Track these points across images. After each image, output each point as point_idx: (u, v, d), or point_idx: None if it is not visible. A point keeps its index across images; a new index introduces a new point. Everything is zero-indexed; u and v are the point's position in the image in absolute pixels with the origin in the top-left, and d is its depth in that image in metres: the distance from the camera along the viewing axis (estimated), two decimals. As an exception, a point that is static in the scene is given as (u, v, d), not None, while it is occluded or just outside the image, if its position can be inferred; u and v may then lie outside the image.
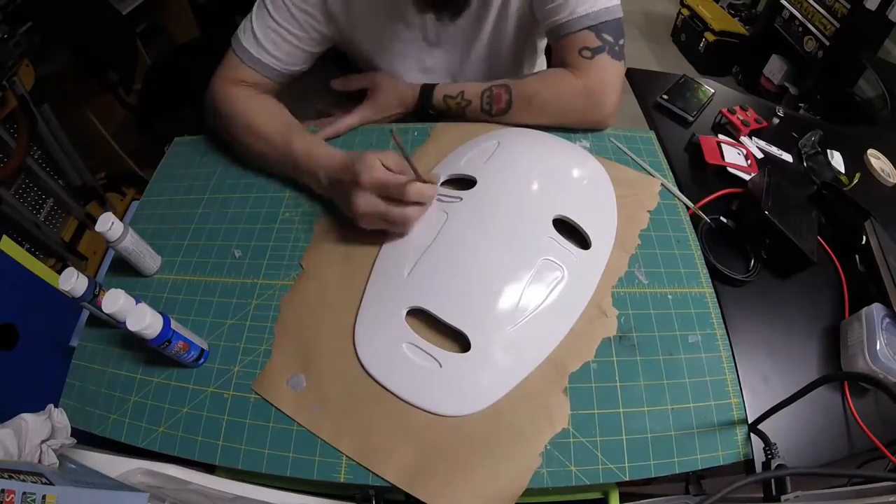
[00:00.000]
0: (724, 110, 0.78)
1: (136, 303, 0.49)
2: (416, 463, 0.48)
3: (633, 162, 0.69)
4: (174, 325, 0.50)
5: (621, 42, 0.67)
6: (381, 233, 0.61)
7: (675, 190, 0.66)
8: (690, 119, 0.78)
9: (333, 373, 0.54)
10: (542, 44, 0.87)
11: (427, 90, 0.74)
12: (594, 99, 0.68)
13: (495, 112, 0.72)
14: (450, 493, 0.46)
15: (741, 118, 0.77)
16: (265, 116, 0.69)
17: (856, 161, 0.78)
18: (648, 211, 0.64)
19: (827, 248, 0.64)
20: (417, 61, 0.79)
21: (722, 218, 0.64)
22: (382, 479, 0.47)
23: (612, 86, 0.68)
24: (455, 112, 0.74)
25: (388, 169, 0.56)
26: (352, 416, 0.51)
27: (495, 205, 0.61)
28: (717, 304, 0.56)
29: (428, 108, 0.75)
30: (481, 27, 0.74)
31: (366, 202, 0.56)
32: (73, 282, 0.52)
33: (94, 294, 0.54)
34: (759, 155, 0.74)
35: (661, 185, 0.66)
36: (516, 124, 0.72)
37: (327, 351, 0.55)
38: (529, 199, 0.62)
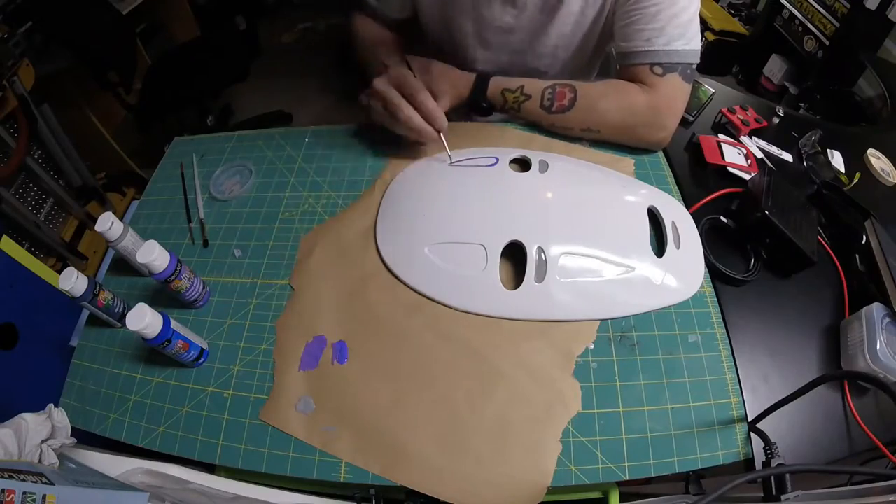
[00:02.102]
0: (725, 110, 0.78)
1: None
2: (440, 466, 0.48)
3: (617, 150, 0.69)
4: (174, 324, 0.50)
5: (694, 66, 0.65)
6: (368, 238, 0.62)
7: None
8: (690, 119, 0.78)
9: (341, 388, 0.53)
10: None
11: (482, 80, 0.70)
12: (658, 116, 0.66)
13: (555, 109, 0.68)
14: (480, 493, 0.47)
15: (741, 118, 0.77)
16: (371, 40, 0.79)
17: (856, 161, 0.78)
18: None
19: (827, 247, 0.64)
20: (482, 41, 0.76)
21: (722, 217, 0.64)
22: (411, 488, 0.47)
23: (677, 107, 0.66)
24: (510, 106, 0.70)
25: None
26: (368, 431, 0.50)
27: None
28: (717, 304, 0.56)
29: (481, 100, 0.71)
30: (553, 19, 0.71)
31: (380, 82, 0.63)
32: (73, 281, 0.52)
33: (93, 294, 0.54)
34: (759, 154, 0.74)
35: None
36: (570, 128, 0.69)
37: (332, 369, 0.54)
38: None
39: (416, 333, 0.55)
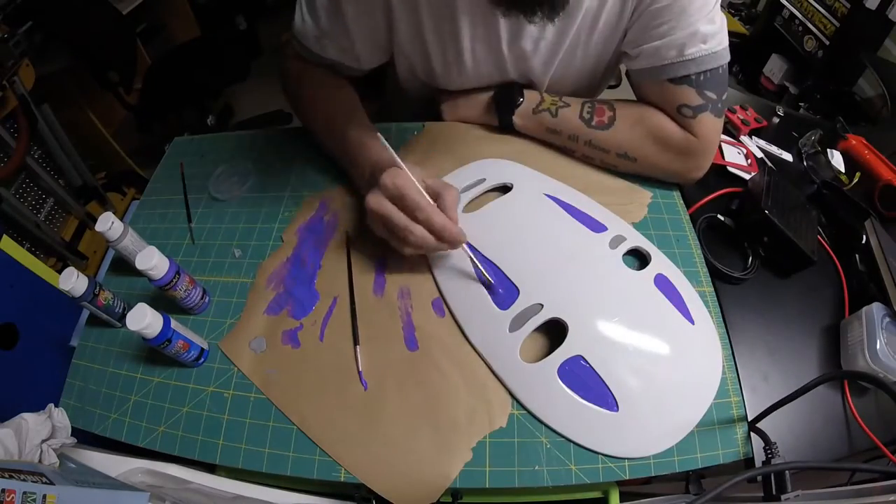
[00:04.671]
0: (725, 110, 0.78)
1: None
2: (351, 434, 0.50)
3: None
4: (174, 324, 0.50)
5: (724, 97, 0.59)
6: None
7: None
8: (690, 118, 0.78)
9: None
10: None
11: (519, 85, 0.67)
12: (694, 160, 0.62)
13: (596, 124, 0.63)
14: (378, 472, 0.48)
15: (741, 118, 0.77)
16: (328, 103, 0.66)
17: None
18: (633, 223, 0.62)
19: (827, 247, 0.64)
20: (477, 66, 0.66)
21: (719, 216, 0.64)
22: (320, 448, 0.49)
23: (712, 149, 0.62)
24: (546, 108, 0.66)
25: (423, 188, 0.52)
26: (299, 384, 0.53)
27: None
28: (717, 303, 0.56)
29: (517, 96, 0.66)
30: (563, 37, 0.62)
31: (375, 200, 0.53)
32: (73, 281, 0.52)
33: (93, 294, 0.54)
34: (759, 154, 0.74)
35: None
36: (607, 151, 0.64)
37: (290, 320, 0.57)
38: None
39: (377, 306, 0.57)
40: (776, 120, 0.82)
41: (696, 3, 0.54)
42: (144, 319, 0.47)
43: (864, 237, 0.63)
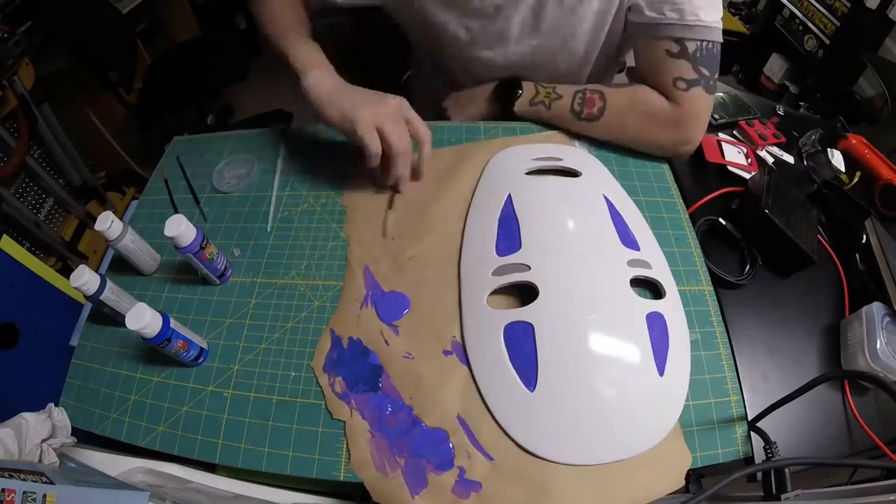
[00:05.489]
0: (743, 122, 0.77)
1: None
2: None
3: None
4: (173, 323, 0.50)
5: (716, 76, 0.63)
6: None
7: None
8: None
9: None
10: (625, 57, 0.79)
11: (514, 79, 0.71)
12: (683, 131, 0.65)
13: (585, 116, 0.67)
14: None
15: (759, 132, 0.76)
16: (280, 8, 0.73)
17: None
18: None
19: (827, 246, 0.64)
20: (471, 39, 0.71)
21: (720, 220, 0.64)
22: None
23: (701, 121, 0.65)
24: (540, 100, 0.70)
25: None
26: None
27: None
28: (717, 302, 0.56)
29: (516, 87, 0.71)
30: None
31: (397, 105, 0.60)
32: (84, 279, 0.52)
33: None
34: (770, 160, 0.74)
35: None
36: (597, 135, 0.69)
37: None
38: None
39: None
40: (776, 119, 0.82)
41: None
42: (144, 319, 0.47)
43: (864, 236, 0.63)
